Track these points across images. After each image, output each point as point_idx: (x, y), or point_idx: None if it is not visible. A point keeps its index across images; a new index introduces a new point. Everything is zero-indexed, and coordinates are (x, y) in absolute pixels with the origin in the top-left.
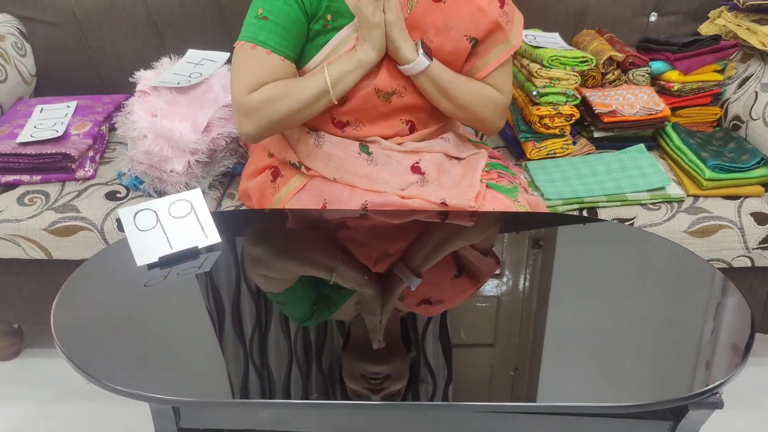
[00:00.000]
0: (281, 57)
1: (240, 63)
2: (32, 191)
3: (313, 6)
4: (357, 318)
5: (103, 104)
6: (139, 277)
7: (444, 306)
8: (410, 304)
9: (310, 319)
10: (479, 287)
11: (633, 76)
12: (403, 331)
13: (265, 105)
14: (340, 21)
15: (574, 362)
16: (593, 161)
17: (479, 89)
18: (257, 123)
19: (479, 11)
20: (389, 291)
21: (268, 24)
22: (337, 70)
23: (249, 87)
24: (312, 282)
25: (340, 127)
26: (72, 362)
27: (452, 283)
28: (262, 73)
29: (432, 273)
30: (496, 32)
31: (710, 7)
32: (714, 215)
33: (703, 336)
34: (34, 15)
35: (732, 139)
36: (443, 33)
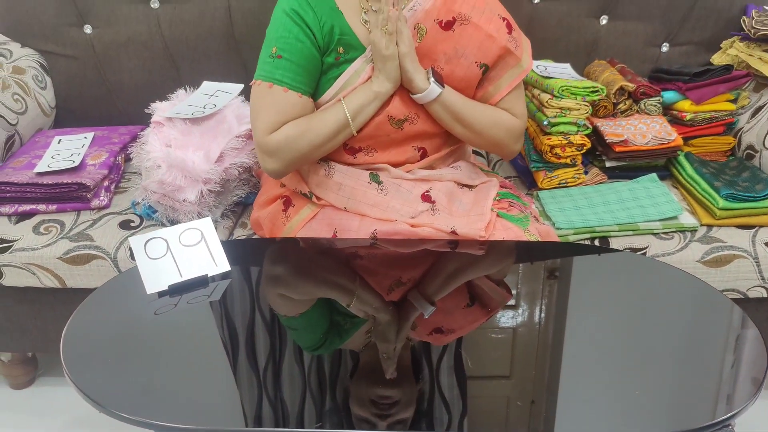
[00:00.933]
0: (298, 93)
1: (258, 103)
2: (48, 220)
3: (325, 40)
4: (368, 345)
5: (119, 135)
6: (149, 305)
7: (455, 335)
8: (421, 333)
9: (320, 347)
10: (490, 317)
11: (645, 106)
12: (413, 359)
13: (287, 144)
14: (352, 53)
15: (591, 394)
16: (605, 191)
17: (493, 114)
18: (281, 161)
19: (488, 38)
20: (403, 318)
21: (282, 62)
22: (355, 103)
23: (269, 127)
24: (323, 311)
25: (352, 153)
26: (80, 390)
27: (464, 313)
28: (280, 111)
29: (444, 302)
30: (507, 57)
31: (722, 38)
32: (728, 245)
33: (717, 368)
34: (54, 49)
35: (746, 169)
36: (453, 60)
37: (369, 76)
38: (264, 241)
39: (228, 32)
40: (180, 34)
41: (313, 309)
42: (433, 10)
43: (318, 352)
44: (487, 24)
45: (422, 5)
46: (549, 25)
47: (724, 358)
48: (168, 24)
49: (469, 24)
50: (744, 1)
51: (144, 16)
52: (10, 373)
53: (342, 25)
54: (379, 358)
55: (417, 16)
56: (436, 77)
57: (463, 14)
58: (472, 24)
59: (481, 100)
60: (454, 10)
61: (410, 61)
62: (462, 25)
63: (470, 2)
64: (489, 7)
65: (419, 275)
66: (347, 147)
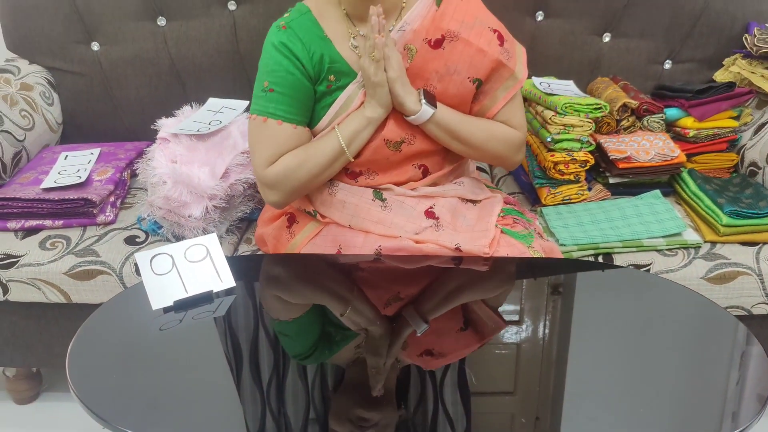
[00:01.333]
0: (293, 125)
1: (255, 137)
2: (54, 236)
3: (315, 70)
4: (356, 361)
5: (125, 151)
6: (154, 321)
7: (444, 360)
8: (411, 354)
9: (309, 357)
10: (483, 344)
11: (648, 123)
12: (399, 382)
13: (286, 176)
14: (344, 80)
15: (595, 411)
16: (608, 207)
17: (490, 128)
18: (281, 193)
19: (479, 52)
20: (396, 334)
21: (275, 95)
22: (349, 130)
23: (267, 160)
24: (315, 319)
25: (353, 177)
26: (86, 406)
27: (457, 336)
28: (277, 144)
29: (438, 323)
30: (500, 70)
31: (724, 55)
32: (732, 261)
33: (722, 385)
34: (62, 66)
35: (749, 185)
36: (446, 78)
37: (362, 101)
38: (269, 256)
39: (234, 49)
40: (186, 51)
41: (305, 316)
42: (421, 29)
43: (306, 362)
44: (477, 38)
45: (410, 25)
46: (552, 42)
47: (729, 375)
48: (174, 41)
49: (459, 40)
50: (746, 19)
51: (151, 33)
52: (14, 388)
53: (331, 53)
54: (366, 375)
55: (406, 36)
56: (428, 98)
57: (451, 31)
58: (462, 40)
59: (478, 114)
60: (442, 27)
61: (400, 86)
62: (452, 42)
63: (458, 18)
64: (478, 21)
65: (418, 292)
66: (348, 171)
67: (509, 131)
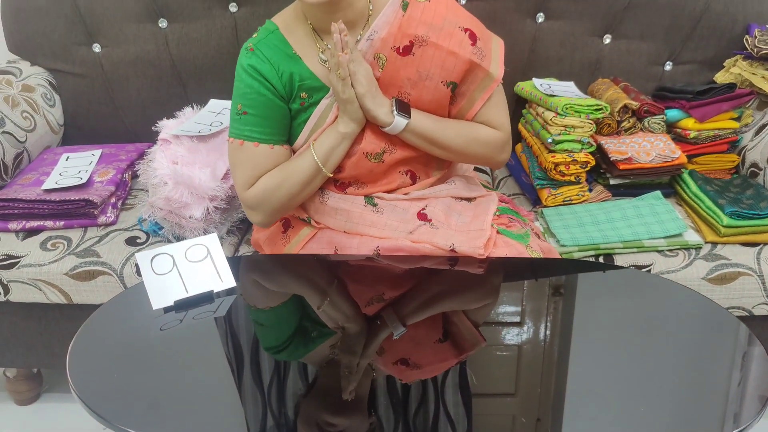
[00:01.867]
0: (269, 145)
1: (234, 160)
2: (55, 236)
3: (286, 89)
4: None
5: (126, 152)
6: (155, 321)
7: (419, 372)
8: (386, 362)
9: (282, 351)
10: (460, 360)
11: (648, 124)
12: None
13: (266, 197)
14: (316, 96)
15: (596, 412)
16: (609, 208)
17: (468, 131)
18: (263, 213)
19: (450, 55)
20: (372, 335)
21: (249, 118)
22: (324, 147)
23: (246, 183)
24: (293, 312)
25: (342, 189)
26: (86, 405)
27: (434, 348)
28: (254, 165)
29: (417, 330)
30: (474, 71)
31: (725, 56)
32: (732, 262)
33: (723, 386)
34: (63, 67)
35: (750, 186)
36: (419, 84)
37: (336, 115)
38: (269, 257)
39: (234, 51)
40: (187, 52)
41: (283, 307)
42: (389, 37)
43: (280, 356)
44: (447, 40)
45: (378, 33)
46: (553, 44)
47: (730, 375)
48: (176, 43)
49: (428, 44)
50: (746, 20)
51: (152, 35)
52: (15, 389)
53: (301, 71)
54: (337, 379)
55: (375, 45)
56: (400, 108)
57: (419, 36)
58: (431, 44)
59: (457, 116)
60: (409, 33)
61: (370, 100)
62: (421, 47)
63: (426, 21)
64: (447, 22)
65: (402, 293)
66: (337, 183)
67: (490, 132)
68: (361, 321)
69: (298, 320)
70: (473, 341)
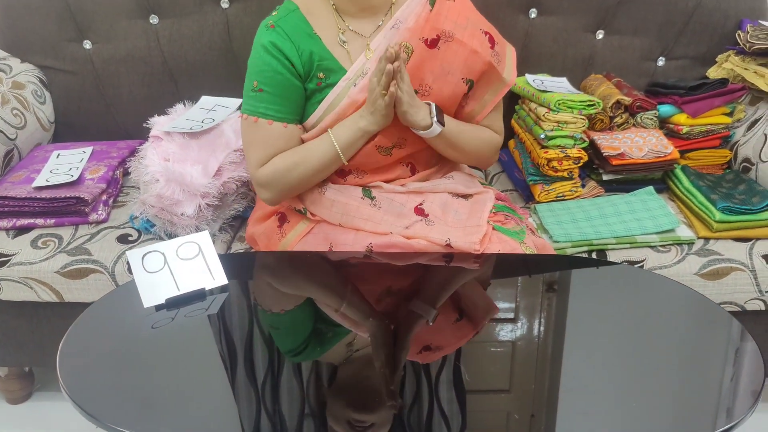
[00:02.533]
0: (283, 123)
1: (247, 137)
2: (45, 234)
3: (305, 68)
4: (348, 359)
5: (118, 149)
6: (146, 319)
7: (443, 351)
8: (411, 353)
9: (300, 354)
10: (478, 331)
11: (641, 120)
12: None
13: (277, 177)
14: (334, 77)
15: (590, 408)
16: (602, 204)
17: (481, 135)
18: (273, 192)
19: (473, 53)
20: (403, 327)
21: (264, 95)
22: (344, 138)
23: (259, 161)
24: (307, 314)
25: (342, 176)
26: (77, 405)
27: (453, 327)
28: (268, 144)
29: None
30: (490, 73)
31: (717, 52)
32: (725, 257)
33: (715, 381)
34: (54, 64)
35: (742, 181)
36: (441, 78)
37: (353, 100)
38: (262, 254)
39: (226, 47)
40: (179, 49)
41: (298, 310)
42: (417, 28)
43: (297, 358)
44: (470, 39)
45: (404, 23)
46: (546, 39)
47: (723, 371)
48: (167, 39)
49: (453, 40)
50: (738, 16)
51: (143, 31)
52: (6, 387)
53: (321, 51)
54: (359, 375)
55: (401, 34)
56: (438, 114)
57: (446, 31)
58: (456, 40)
59: (467, 117)
60: (437, 27)
61: (410, 111)
62: (446, 42)
63: (452, 18)
64: (471, 23)
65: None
66: (338, 170)
67: (494, 136)
68: (381, 316)
69: (312, 322)
70: (489, 310)
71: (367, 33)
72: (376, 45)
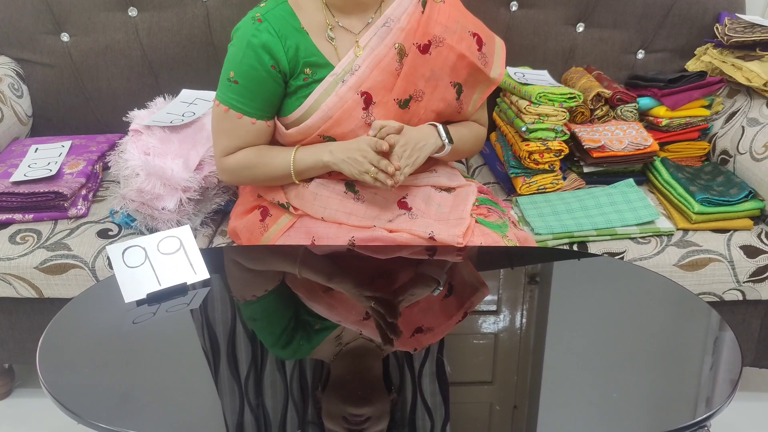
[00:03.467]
0: (252, 119)
1: (216, 124)
2: (24, 230)
3: (291, 64)
4: (338, 354)
5: (97, 143)
6: (127, 314)
7: (438, 332)
8: (404, 339)
9: (286, 347)
10: (469, 307)
11: (621, 112)
12: (385, 371)
13: (237, 170)
14: (320, 73)
15: (571, 398)
16: (583, 196)
17: (473, 133)
18: (232, 181)
19: (460, 58)
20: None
21: (238, 88)
22: (304, 164)
23: (225, 150)
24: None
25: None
26: (57, 401)
27: (442, 305)
28: (235, 136)
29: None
30: (476, 74)
31: (696, 45)
32: (703, 248)
33: (694, 370)
34: (31, 57)
35: (720, 173)
36: (431, 82)
37: (341, 99)
38: (244, 248)
39: (207, 40)
40: (158, 42)
41: (281, 304)
42: (410, 30)
43: (285, 353)
44: (459, 43)
45: (397, 23)
46: (526, 32)
47: (702, 360)
48: (146, 32)
49: (444, 45)
50: (717, 9)
51: (122, 23)
52: None
53: (307, 46)
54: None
55: (395, 34)
56: (448, 135)
57: (437, 36)
58: (446, 45)
59: (461, 118)
60: (429, 32)
61: (425, 152)
62: (437, 47)
63: (442, 22)
64: (460, 25)
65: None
66: None
67: (481, 130)
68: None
69: (297, 315)
70: (476, 287)
71: (356, 30)
72: (366, 41)
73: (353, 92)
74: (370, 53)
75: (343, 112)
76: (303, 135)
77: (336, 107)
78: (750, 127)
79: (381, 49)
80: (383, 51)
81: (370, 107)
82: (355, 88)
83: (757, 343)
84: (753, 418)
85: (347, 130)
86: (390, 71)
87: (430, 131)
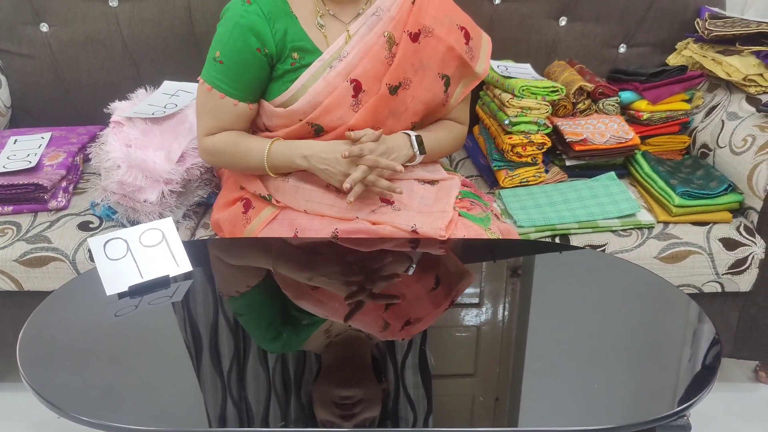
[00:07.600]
0: (234, 101)
1: (200, 103)
2: (3, 222)
3: (277, 49)
4: (329, 346)
5: (77, 135)
6: (109, 307)
7: (424, 323)
8: (394, 330)
9: (275, 341)
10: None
11: (603, 106)
12: (374, 357)
13: (216, 153)
14: (308, 58)
15: (553, 390)
16: (565, 189)
17: (452, 134)
18: (214, 163)
19: (449, 50)
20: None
21: (223, 68)
22: (278, 159)
23: (206, 130)
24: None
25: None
26: (38, 394)
27: (430, 297)
28: (218, 117)
29: (410, 290)
30: (462, 68)
31: (677, 39)
32: (683, 241)
33: (674, 361)
34: (10, 48)
35: (700, 167)
36: (420, 72)
37: (329, 84)
38: (226, 241)
39: (189, 31)
40: (140, 32)
41: (266, 296)
42: (400, 20)
43: (274, 347)
44: (448, 35)
45: (387, 12)
46: (509, 26)
47: (681, 351)
48: (127, 22)
49: (433, 36)
50: (698, 4)
51: (102, 14)
52: None
53: (296, 30)
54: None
55: (384, 24)
56: (420, 147)
57: (426, 26)
58: (435, 36)
59: (444, 113)
60: (419, 21)
61: (398, 160)
62: (426, 37)
63: (432, 13)
64: (448, 18)
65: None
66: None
67: (461, 130)
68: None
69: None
70: (462, 276)
71: (346, 19)
72: (356, 29)
73: (342, 79)
74: (359, 41)
75: (333, 99)
76: (290, 120)
77: (324, 93)
78: (730, 121)
79: (370, 37)
80: (372, 39)
81: (360, 95)
82: (344, 74)
83: (735, 334)
84: (731, 409)
85: (335, 118)
86: (380, 59)
87: (404, 141)
